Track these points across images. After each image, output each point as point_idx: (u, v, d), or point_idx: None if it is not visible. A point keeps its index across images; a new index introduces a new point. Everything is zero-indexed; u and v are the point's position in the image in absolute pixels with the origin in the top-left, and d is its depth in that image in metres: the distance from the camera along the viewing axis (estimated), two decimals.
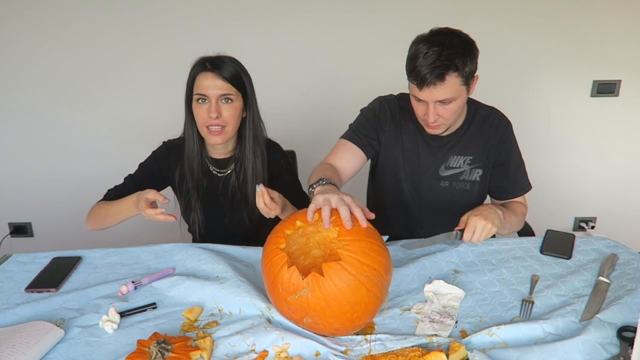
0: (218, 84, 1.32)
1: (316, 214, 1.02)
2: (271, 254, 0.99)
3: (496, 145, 1.43)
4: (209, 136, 1.37)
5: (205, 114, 1.33)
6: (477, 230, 1.18)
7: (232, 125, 1.37)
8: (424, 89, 1.23)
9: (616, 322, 0.97)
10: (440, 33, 1.24)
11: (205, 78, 1.32)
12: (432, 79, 1.20)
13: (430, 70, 1.20)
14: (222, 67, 1.33)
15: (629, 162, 2.59)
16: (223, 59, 1.36)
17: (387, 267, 0.97)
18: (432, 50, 1.20)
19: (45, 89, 2.39)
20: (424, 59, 1.20)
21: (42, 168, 2.52)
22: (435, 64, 1.19)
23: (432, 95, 1.24)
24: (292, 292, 0.94)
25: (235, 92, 1.35)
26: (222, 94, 1.33)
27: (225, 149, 1.48)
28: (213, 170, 1.49)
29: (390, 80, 1.77)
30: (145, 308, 1.11)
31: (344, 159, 1.40)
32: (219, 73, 1.32)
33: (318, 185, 1.14)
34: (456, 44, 1.22)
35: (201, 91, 1.33)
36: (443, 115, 1.29)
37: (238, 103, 1.37)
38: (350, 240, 0.96)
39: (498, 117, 1.45)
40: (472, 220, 1.19)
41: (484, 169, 1.45)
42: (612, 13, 2.33)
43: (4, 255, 1.38)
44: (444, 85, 1.22)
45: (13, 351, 0.92)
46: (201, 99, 1.34)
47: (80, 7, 2.28)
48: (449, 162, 1.44)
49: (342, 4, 2.30)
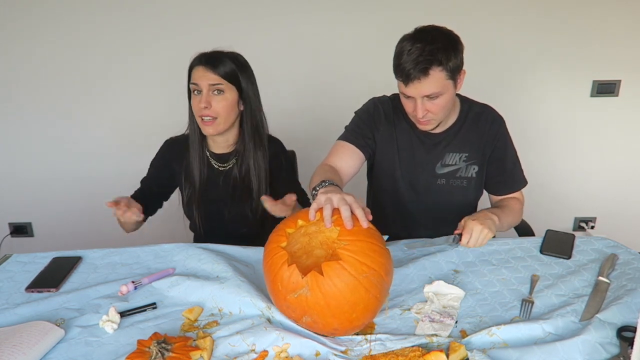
0: (208, 75, 1.38)
1: (318, 214, 1.02)
2: (272, 252, 0.99)
3: (491, 140, 1.44)
4: (202, 126, 1.42)
5: (198, 104, 1.39)
6: (474, 234, 1.19)
7: (223, 116, 1.41)
8: (409, 85, 1.26)
9: (616, 322, 0.97)
10: (424, 31, 1.27)
11: (199, 70, 1.40)
12: (416, 73, 1.23)
13: (413, 65, 1.22)
14: (215, 60, 1.40)
15: (628, 162, 2.59)
16: (218, 54, 1.42)
17: (387, 268, 0.97)
18: (415, 47, 1.23)
19: (46, 89, 2.39)
20: (408, 55, 1.23)
21: (42, 168, 2.52)
22: (418, 60, 1.22)
23: (418, 91, 1.26)
24: (291, 291, 0.94)
25: (227, 84, 1.40)
26: (211, 84, 1.38)
27: (226, 143, 1.50)
28: (214, 164, 1.51)
29: (390, 81, 1.76)
30: (145, 308, 1.11)
31: (343, 159, 1.41)
32: (212, 65, 1.39)
33: (321, 188, 1.14)
34: (439, 39, 1.24)
35: (195, 81, 1.40)
36: (432, 110, 1.31)
37: (230, 95, 1.41)
38: (350, 240, 0.96)
39: (492, 114, 1.46)
40: (470, 224, 1.20)
41: (480, 165, 1.45)
42: (612, 13, 2.33)
43: (4, 255, 1.38)
44: (429, 80, 1.24)
45: (13, 351, 0.92)
46: (196, 90, 1.40)
47: (81, 7, 2.28)
48: (445, 159, 1.45)
49: (342, 4, 2.30)
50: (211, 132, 1.42)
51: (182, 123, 1.53)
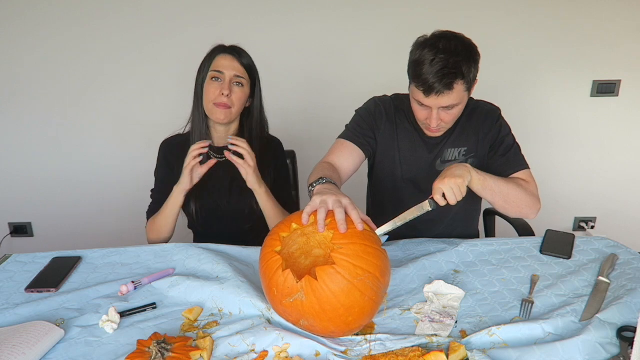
0: (235, 65, 1.43)
1: (312, 217, 1.01)
2: (267, 256, 0.99)
3: (487, 132, 1.44)
4: (214, 110, 1.44)
5: (217, 90, 1.42)
6: (447, 193, 1.16)
7: (237, 107, 1.45)
8: (430, 96, 1.24)
9: (616, 322, 0.97)
10: (444, 37, 1.24)
11: (225, 59, 1.43)
12: (441, 87, 1.21)
13: (438, 79, 1.20)
14: (240, 53, 1.45)
15: (628, 162, 2.59)
16: (240, 48, 1.47)
17: (383, 269, 0.96)
18: (439, 58, 1.20)
19: (46, 89, 2.39)
20: (431, 66, 1.20)
21: (42, 168, 2.52)
22: (443, 72, 1.19)
23: (438, 102, 1.25)
24: (287, 295, 0.94)
25: (247, 78, 1.46)
26: (236, 75, 1.43)
27: (227, 134, 1.51)
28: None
29: (390, 81, 1.77)
30: (145, 308, 1.11)
31: (343, 157, 1.40)
32: (238, 57, 1.44)
33: (318, 184, 1.14)
34: (461, 50, 1.22)
35: (219, 68, 1.42)
36: (445, 120, 1.31)
37: (247, 89, 1.47)
38: (344, 243, 0.95)
39: (486, 106, 1.47)
40: (435, 185, 1.18)
41: (480, 158, 1.45)
42: (612, 13, 2.33)
43: (4, 255, 1.38)
44: (451, 93, 1.23)
45: (13, 351, 0.92)
46: (215, 77, 1.43)
47: (81, 7, 2.28)
48: (444, 155, 1.45)
49: (342, 4, 2.30)
50: (222, 118, 1.44)
51: (182, 123, 1.53)
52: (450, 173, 1.18)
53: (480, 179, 1.25)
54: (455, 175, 1.17)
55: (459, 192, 1.17)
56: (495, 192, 1.28)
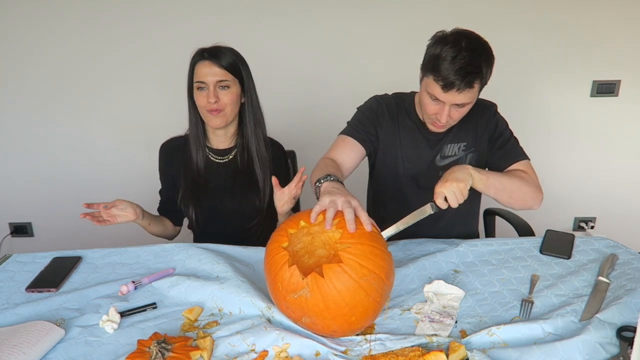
0: (215, 71, 1.39)
1: (320, 215, 1.02)
2: (273, 252, 0.99)
3: (485, 126, 1.44)
4: (209, 117, 1.43)
5: (204, 99, 1.41)
6: (449, 196, 1.16)
7: (230, 108, 1.44)
8: (448, 92, 1.24)
9: (616, 322, 0.98)
10: (465, 36, 1.23)
11: (203, 66, 1.40)
12: (462, 85, 1.21)
13: (460, 76, 1.20)
14: (218, 56, 1.41)
15: (628, 162, 2.59)
16: (219, 48, 1.43)
17: (388, 271, 0.97)
18: (462, 55, 1.19)
19: (46, 89, 2.39)
20: (453, 63, 1.20)
21: (42, 168, 2.52)
22: (467, 70, 1.19)
23: (454, 99, 1.25)
24: (291, 291, 0.94)
25: (232, 78, 1.42)
26: (218, 81, 1.40)
27: (225, 136, 1.52)
28: (213, 158, 1.52)
29: (391, 81, 1.77)
30: (145, 308, 1.11)
31: (344, 153, 1.41)
32: (216, 61, 1.40)
33: (325, 181, 1.14)
34: (482, 51, 1.23)
35: (200, 79, 1.40)
36: (454, 117, 1.31)
37: (235, 88, 1.44)
38: (352, 243, 0.96)
39: (483, 102, 1.47)
40: (437, 189, 1.17)
41: (479, 153, 1.46)
42: (612, 13, 2.33)
43: (4, 255, 1.38)
44: (469, 92, 1.24)
45: (13, 351, 0.92)
46: (200, 87, 1.41)
47: (81, 8, 2.28)
48: (444, 151, 1.45)
49: (342, 4, 2.30)
50: (219, 124, 1.44)
51: (182, 123, 1.53)
52: (452, 177, 1.18)
53: (482, 178, 1.25)
54: (457, 179, 1.18)
55: (461, 195, 1.17)
56: (498, 188, 1.29)
